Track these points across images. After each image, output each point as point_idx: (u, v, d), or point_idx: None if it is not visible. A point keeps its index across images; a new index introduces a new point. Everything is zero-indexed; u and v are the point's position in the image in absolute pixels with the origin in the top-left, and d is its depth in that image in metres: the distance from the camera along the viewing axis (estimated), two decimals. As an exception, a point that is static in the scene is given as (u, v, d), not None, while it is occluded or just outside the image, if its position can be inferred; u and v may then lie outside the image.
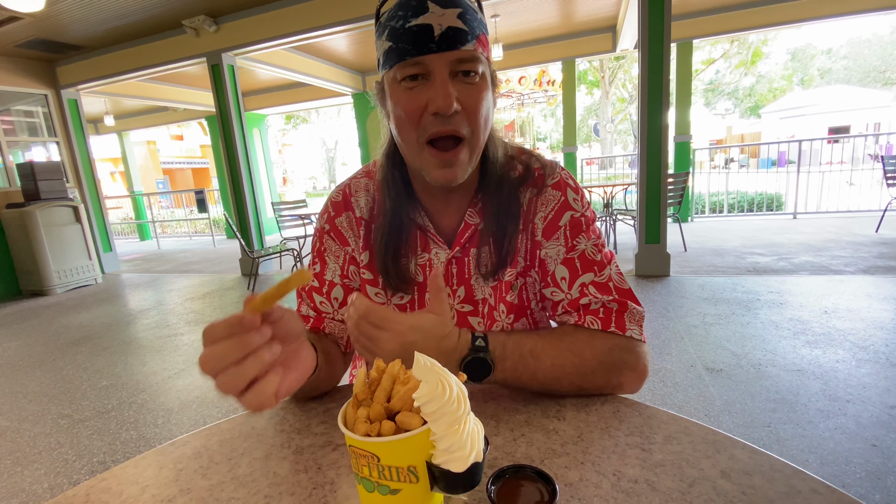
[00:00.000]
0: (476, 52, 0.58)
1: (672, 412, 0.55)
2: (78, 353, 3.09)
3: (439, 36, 0.56)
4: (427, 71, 0.58)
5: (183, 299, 4.43)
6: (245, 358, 0.36)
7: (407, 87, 0.59)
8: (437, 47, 0.56)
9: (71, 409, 2.29)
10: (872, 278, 3.33)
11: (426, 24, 0.56)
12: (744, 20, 5.57)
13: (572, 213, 0.69)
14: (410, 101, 0.59)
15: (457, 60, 0.58)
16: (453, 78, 0.58)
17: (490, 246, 0.69)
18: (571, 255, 0.68)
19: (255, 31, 4.66)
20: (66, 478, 1.73)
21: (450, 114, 0.58)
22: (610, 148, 18.36)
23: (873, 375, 1.98)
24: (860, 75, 26.23)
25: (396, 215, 0.69)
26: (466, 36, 0.57)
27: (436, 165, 0.62)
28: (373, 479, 0.37)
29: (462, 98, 0.59)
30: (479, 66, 0.59)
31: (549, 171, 0.72)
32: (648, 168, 3.76)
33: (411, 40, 0.56)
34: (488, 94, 0.62)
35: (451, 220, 0.72)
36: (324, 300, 0.73)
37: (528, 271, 0.72)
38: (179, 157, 22.38)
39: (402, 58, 0.57)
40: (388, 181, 0.71)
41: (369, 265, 0.73)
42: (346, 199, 0.75)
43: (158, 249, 8.38)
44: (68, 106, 5.83)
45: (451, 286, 0.71)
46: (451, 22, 0.56)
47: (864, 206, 6.18)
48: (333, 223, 0.74)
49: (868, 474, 1.41)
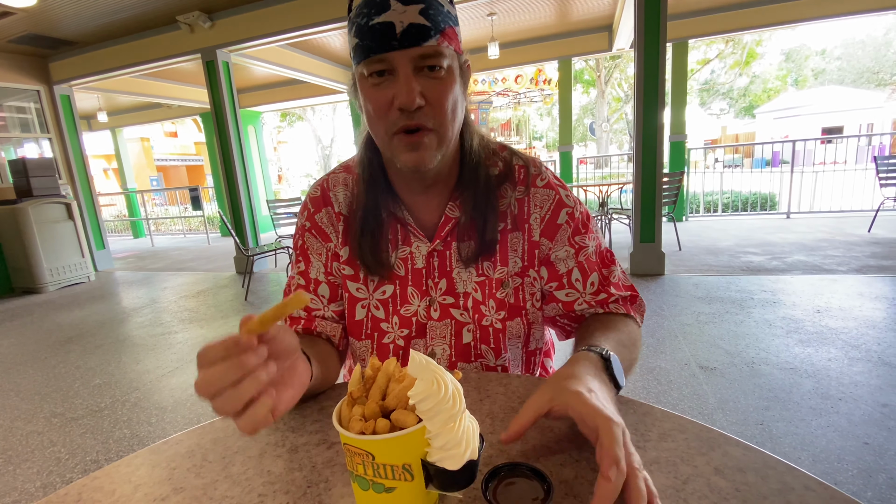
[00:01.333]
0: (440, 48, 0.59)
1: (666, 409, 0.55)
2: (70, 351, 3.06)
3: (401, 33, 0.57)
4: (391, 67, 0.59)
5: (177, 297, 4.41)
6: (242, 379, 0.35)
7: (374, 83, 0.60)
8: (398, 44, 0.57)
9: (63, 407, 2.27)
10: (864, 277, 3.36)
11: (388, 21, 0.57)
12: (739, 20, 5.59)
13: (567, 209, 0.72)
14: (378, 97, 0.60)
15: (419, 56, 0.58)
16: (418, 73, 0.59)
17: (472, 240, 0.70)
18: (581, 256, 0.71)
19: (250, 27, 4.63)
20: (58, 476, 1.72)
21: (413, 109, 0.59)
22: (606, 147, 18.42)
23: (865, 374, 2.00)
24: (854, 76, 26.44)
25: (374, 206, 0.70)
26: (429, 32, 0.58)
27: (403, 149, 0.62)
28: (367, 478, 0.37)
29: (427, 92, 0.59)
30: (443, 60, 0.59)
31: (535, 170, 0.73)
32: (644, 167, 3.77)
33: (374, 38, 0.57)
34: (455, 87, 0.62)
35: (431, 214, 0.72)
36: (313, 297, 0.73)
37: (527, 271, 0.72)
38: (173, 154, 22.23)
39: (367, 55, 0.59)
40: (366, 168, 0.72)
41: (349, 260, 0.73)
42: (324, 194, 0.75)
43: (152, 247, 8.33)
44: (61, 102, 5.77)
45: (433, 278, 0.72)
46: (413, 19, 0.57)
47: (856, 206, 6.24)
48: (314, 220, 0.75)
49: (860, 472, 1.42)
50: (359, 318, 0.73)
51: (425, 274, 0.72)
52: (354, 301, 0.73)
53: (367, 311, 0.73)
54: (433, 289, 0.72)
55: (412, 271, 0.72)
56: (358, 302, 0.73)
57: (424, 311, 0.72)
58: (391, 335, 0.72)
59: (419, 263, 0.71)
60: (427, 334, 0.72)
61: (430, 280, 0.72)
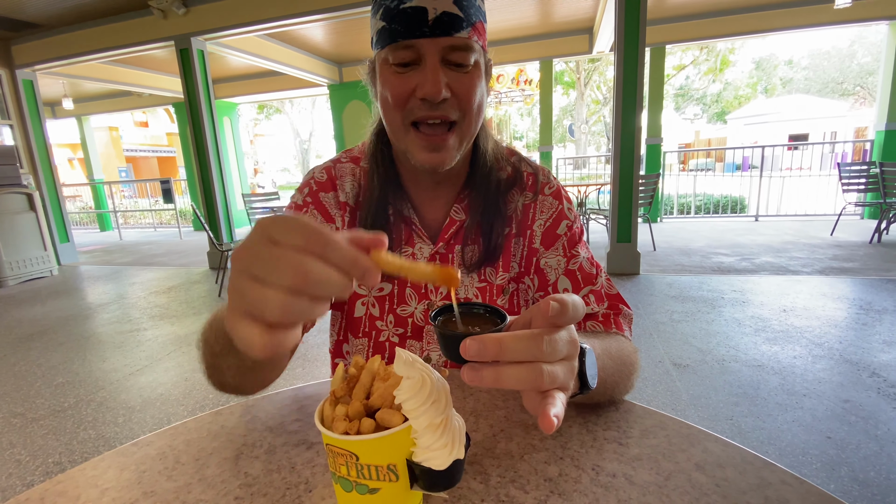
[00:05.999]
0: (470, 41, 0.57)
1: (646, 406, 0.56)
2: (31, 349, 2.92)
3: (433, 20, 0.54)
4: (418, 55, 0.56)
5: (146, 293, 4.26)
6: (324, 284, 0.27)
7: (397, 71, 0.58)
8: (430, 32, 0.55)
9: (24, 407, 2.17)
10: (827, 279, 3.50)
11: (421, 6, 0.54)
12: (713, 28, 5.78)
13: (567, 221, 0.71)
14: (399, 84, 0.58)
15: (449, 47, 0.56)
16: (445, 65, 0.57)
17: (477, 245, 0.69)
18: (572, 266, 0.69)
19: (227, 15, 4.50)
20: (18, 479, 1.64)
21: (438, 101, 0.57)
22: (584, 148, 18.71)
23: (828, 371, 2.09)
24: (819, 86, 27.56)
25: (383, 203, 0.68)
26: (462, 23, 0.56)
27: (422, 148, 0.60)
28: (351, 479, 0.36)
29: (453, 84, 0.57)
30: (472, 55, 0.58)
31: (544, 178, 0.73)
32: (621, 169, 3.84)
33: (404, 22, 0.55)
34: (481, 83, 0.60)
35: (437, 213, 0.71)
36: None
37: (523, 277, 0.72)
38: (144, 144, 21.48)
39: (393, 39, 0.56)
40: (377, 160, 0.69)
41: None
42: (331, 180, 0.72)
43: (120, 241, 8.03)
44: (23, 87, 5.49)
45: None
46: (447, 7, 0.55)
47: (820, 211, 6.51)
48: (317, 196, 0.71)
49: (823, 465, 1.48)
50: (357, 314, 0.72)
51: None
52: (355, 297, 0.71)
53: (366, 309, 0.71)
54: (433, 292, 0.70)
55: None
56: (358, 299, 0.71)
57: (422, 315, 0.70)
58: (386, 333, 0.71)
59: None
60: (424, 338, 0.71)
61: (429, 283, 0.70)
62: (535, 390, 0.32)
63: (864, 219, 6.02)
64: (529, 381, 0.31)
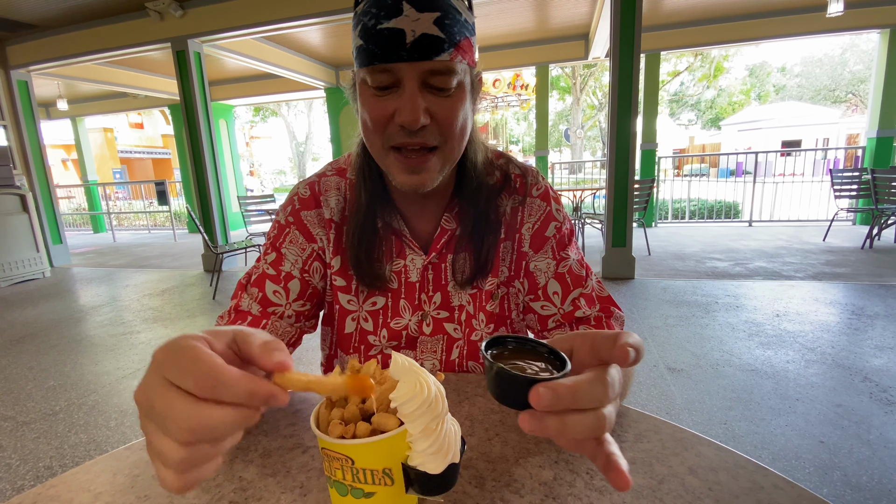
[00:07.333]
0: (452, 63, 0.54)
1: (640, 411, 0.57)
2: (23, 352, 2.89)
3: (411, 43, 0.51)
4: (396, 79, 0.54)
5: (140, 295, 4.23)
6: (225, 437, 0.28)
7: (375, 94, 0.56)
8: (407, 56, 0.51)
9: (14, 410, 2.14)
10: (820, 284, 3.53)
11: (398, 28, 0.51)
12: (708, 35, 5.84)
13: (556, 223, 0.70)
14: (377, 108, 0.56)
15: (429, 72, 0.53)
16: (425, 88, 0.54)
17: (468, 254, 0.68)
18: (562, 269, 0.69)
19: (224, 17, 4.50)
20: (9, 483, 1.61)
21: (416, 128, 0.54)
22: (580, 153, 18.82)
23: (820, 375, 2.10)
24: (811, 93, 27.88)
25: (371, 215, 0.67)
26: (443, 44, 0.52)
27: (401, 170, 0.59)
28: (346, 483, 0.36)
29: (433, 109, 0.55)
30: (454, 78, 0.54)
31: (532, 179, 0.72)
32: (616, 174, 3.86)
33: (381, 44, 0.52)
34: (464, 104, 0.58)
35: (427, 224, 0.70)
36: (278, 290, 0.66)
37: (512, 281, 0.71)
38: (139, 146, 21.37)
39: (370, 61, 0.53)
40: (364, 173, 0.68)
41: (341, 271, 0.69)
42: (314, 197, 0.70)
43: (114, 242, 7.97)
44: (18, 88, 5.46)
45: (427, 292, 0.70)
46: (427, 28, 0.51)
47: (812, 216, 6.57)
48: (299, 216, 0.69)
49: (816, 469, 1.49)
50: (348, 331, 0.71)
51: (419, 288, 0.69)
52: (345, 314, 0.70)
53: (356, 324, 0.70)
54: (427, 303, 0.70)
55: (406, 285, 0.69)
56: (348, 314, 0.70)
57: (416, 326, 0.70)
58: (378, 347, 0.70)
59: (413, 277, 0.69)
60: (417, 348, 0.70)
61: (423, 294, 0.70)
62: (597, 437, 0.30)
63: (855, 224, 6.09)
64: (595, 429, 0.29)
